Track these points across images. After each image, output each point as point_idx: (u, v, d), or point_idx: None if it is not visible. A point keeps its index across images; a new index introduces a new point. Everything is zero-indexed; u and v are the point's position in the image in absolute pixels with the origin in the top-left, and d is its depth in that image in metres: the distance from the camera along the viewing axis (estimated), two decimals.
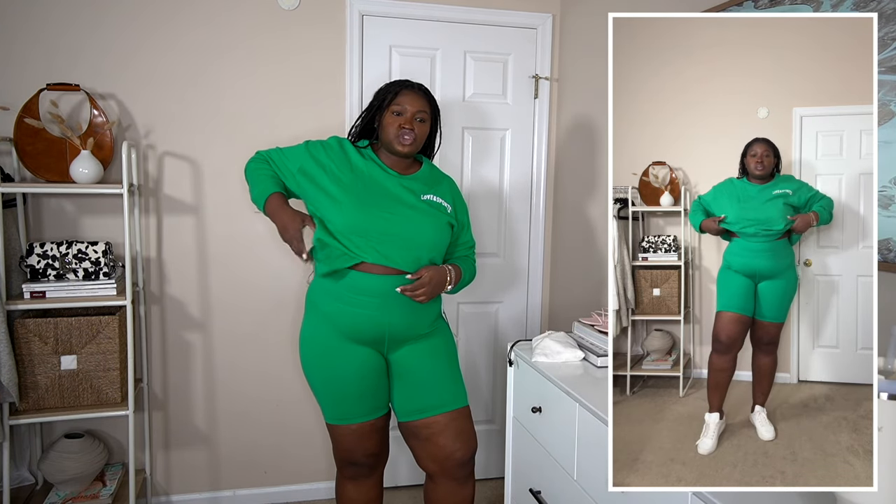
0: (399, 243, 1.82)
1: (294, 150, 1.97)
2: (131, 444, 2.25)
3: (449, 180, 2.05)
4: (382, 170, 1.90)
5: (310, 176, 1.88)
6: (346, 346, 1.88)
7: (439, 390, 1.93)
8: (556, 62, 2.82)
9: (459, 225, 2.02)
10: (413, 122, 1.86)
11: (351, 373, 1.88)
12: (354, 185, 1.85)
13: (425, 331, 1.94)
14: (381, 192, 1.86)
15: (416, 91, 1.90)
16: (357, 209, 1.81)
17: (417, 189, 1.91)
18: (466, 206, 2.10)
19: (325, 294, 1.89)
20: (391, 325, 1.86)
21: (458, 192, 2.06)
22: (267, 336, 2.67)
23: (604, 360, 1.87)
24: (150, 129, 2.46)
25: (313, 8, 2.56)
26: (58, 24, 2.34)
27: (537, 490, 1.88)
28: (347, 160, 1.90)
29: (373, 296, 1.83)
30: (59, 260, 2.20)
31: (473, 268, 2.07)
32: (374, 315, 1.84)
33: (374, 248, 1.81)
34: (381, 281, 1.82)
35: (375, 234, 1.81)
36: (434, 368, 1.94)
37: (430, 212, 1.89)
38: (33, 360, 2.15)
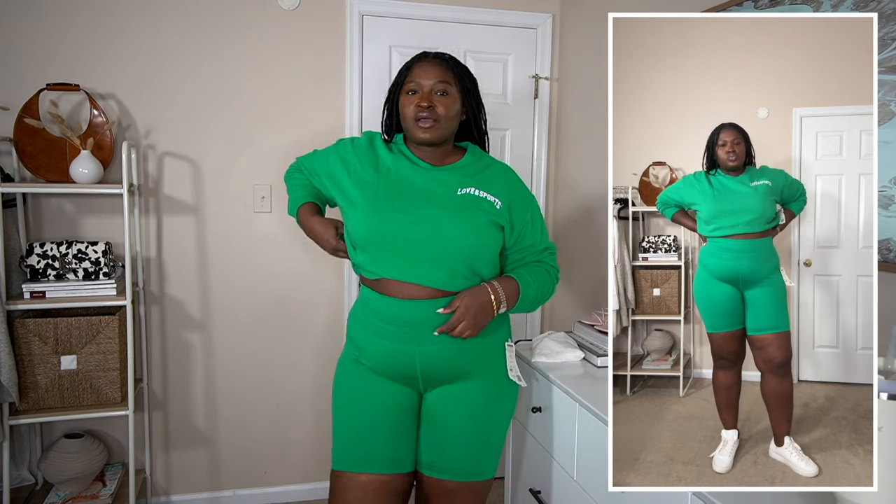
0: (424, 252, 1.47)
1: (325, 151, 1.70)
2: (131, 444, 2.25)
3: (503, 169, 1.63)
4: (411, 163, 1.56)
5: (334, 178, 1.61)
6: (373, 380, 1.56)
7: (461, 454, 1.57)
8: (556, 62, 2.82)
9: (516, 224, 1.58)
10: (431, 99, 1.49)
11: (372, 408, 1.54)
12: (374, 185, 1.53)
13: (475, 367, 1.56)
14: (404, 190, 1.52)
15: (430, 61, 1.54)
16: (371, 212, 1.49)
17: (453, 182, 1.53)
18: (534, 200, 1.65)
19: (354, 317, 1.61)
20: (423, 361, 1.50)
21: (517, 183, 1.63)
22: (267, 336, 2.67)
23: (604, 360, 1.87)
24: (150, 129, 2.46)
25: (313, 8, 2.56)
26: (58, 24, 2.34)
27: (537, 490, 1.88)
28: (375, 157, 1.58)
29: (400, 325, 1.49)
30: (59, 260, 2.20)
31: (549, 276, 1.61)
32: (403, 349, 1.50)
33: (394, 260, 1.48)
34: (409, 307, 1.47)
35: (392, 242, 1.47)
36: (464, 425, 1.56)
37: (464, 209, 1.50)
38: (33, 360, 2.15)
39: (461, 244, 1.47)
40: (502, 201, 1.55)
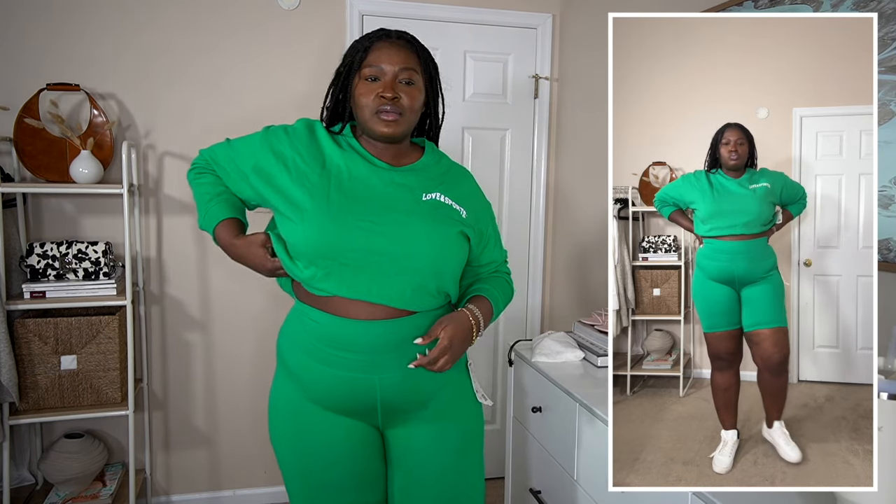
0: (390, 266, 1.26)
1: (248, 141, 1.38)
2: (131, 444, 2.25)
3: (463, 173, 1.46)
4: (366, 162, 1.33)
5: (266, 176, 1.32)
6: (323, 416, 1.34)
7: (441, 493, 1.40)
8: (556, 62, 2.82)
9: (482, 237, 1.43)
10: (395, 88, 1.27)
11: (330, 453, 1.34)
12: (323, 186, 1.28)
13: (436, 394, 1.37)
14: (361, 194, 1.29)
15: (393, 42, 1.31)
16: (325, 219, 1.25)
17: (416, 185, 1.34)
18: (491, 208, 1.49)
19: (288, 340, 1.37)
20: (384, 390, 1.30)
21: (477, 189, 1.47)
22: (267, 336, 2.66)
23: (604, 359, 1.87)
24: (150, 129, 2.46)
25: (313, 8, 2.56)
26: (58, 24, 2.34)
27: (537, 490, 1.88)
28: (319, 151, 1.33)
29: (356, 351, 1.27)
30: (59, 260, 2.20)
31: (510, 288, 1.49)
32: (358, 378, 1.29)
33: (351, 275, 1.25)
34: (368, 330, 1.26)
35: (352, 255, 1.25)
36: (445, 463, 1.39)
37: (433, 217, 1.31)
38: (33, 360, 2.15)
39: (432, 257, 1.28)
40: (467, 210, 1.37)
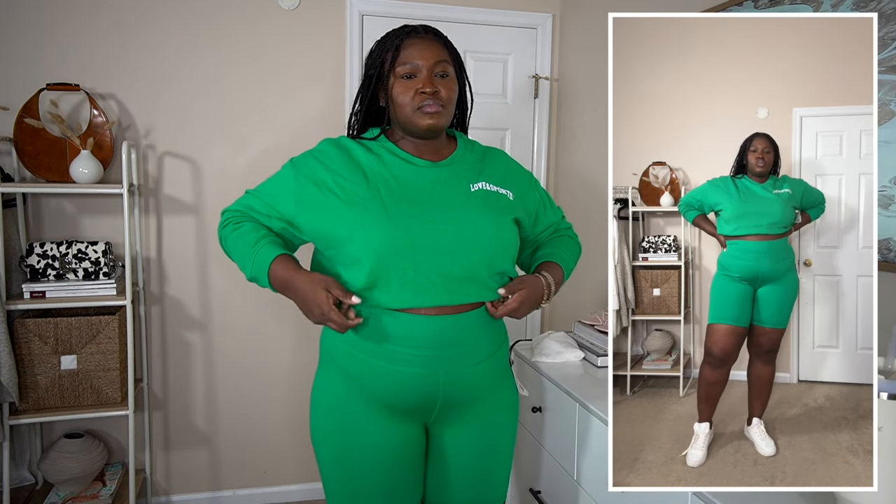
0: (455, 263, 1.27)
1: (279, 181, 1.35)
2: (131, 444, 2.25)
3: (499, 154, 1.47)
4: (408, 163, 1.32)
5: (313, 208, 1.30)
6: (378, 419, 1.32)
7: (479, 487, 1.44)
8: (556, 62, 2.82)
9: (532, 211, 1.45)
10: (433, 82, 1.28)
11: (374, 456, 1.33)
12: (375, 198, 1.27)
13: (488, 386, 1.40)
14: (416, 197, 1.29)
15: (423, 37, 1.32)
16: (389, 229, 1.24)
17: (461, 178, 1.34)
18: (532, 176, 1.51)
19: (346, 344, 1.33)
20: (448, 385, 1.31)
21: (514, 165, 1.47)
22: (267, 335, 2.67)
23: (604, 360, 1.87)
24: (150, 129, 2.46)
25: (313, 8, 2.56)
26: (58, 24, 2.34)
27: (537, 490, 1.88)
28: (357, 166, 1.31)
29: (421, 346, 1.28)
30: (59, 260, 2.20)
31: (575, 245, 1.54)
32: (423, 374, 1.29)
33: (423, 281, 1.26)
34: (433, 324, 1.27)
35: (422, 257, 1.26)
36: (486, 459, 1.42)
37: (487, 208, 1.32)
38: (33, 360, 2.15)
39: (494, 247, 1.31)
40: (513, 192, 1.39)
